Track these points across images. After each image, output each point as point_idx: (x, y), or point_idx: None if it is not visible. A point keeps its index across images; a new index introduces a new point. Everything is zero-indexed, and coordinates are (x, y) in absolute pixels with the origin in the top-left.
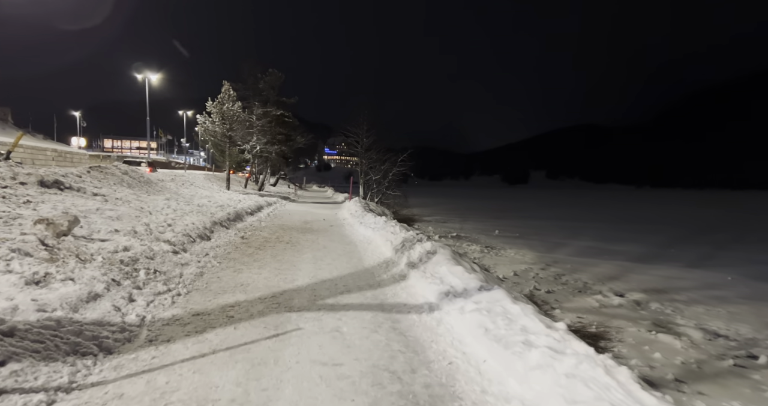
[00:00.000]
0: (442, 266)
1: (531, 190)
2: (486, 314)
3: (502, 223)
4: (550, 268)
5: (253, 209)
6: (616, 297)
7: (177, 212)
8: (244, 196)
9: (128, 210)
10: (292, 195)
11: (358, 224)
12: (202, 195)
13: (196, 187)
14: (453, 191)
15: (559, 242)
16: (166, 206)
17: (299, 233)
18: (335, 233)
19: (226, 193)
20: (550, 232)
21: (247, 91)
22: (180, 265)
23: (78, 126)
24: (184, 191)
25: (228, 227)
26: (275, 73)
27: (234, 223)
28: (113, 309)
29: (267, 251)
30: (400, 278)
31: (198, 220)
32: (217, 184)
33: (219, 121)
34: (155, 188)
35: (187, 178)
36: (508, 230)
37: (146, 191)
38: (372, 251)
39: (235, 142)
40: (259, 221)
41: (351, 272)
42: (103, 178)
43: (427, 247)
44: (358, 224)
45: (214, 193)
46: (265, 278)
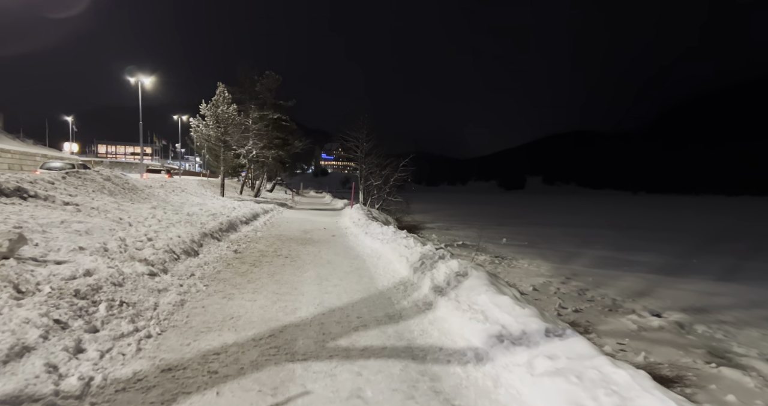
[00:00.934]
0: (481, 294)
1: (529, 196)
2: (576, 382)
3: (507, 230)
4: (571, 281)
5: (248, 218)
6: (654, 318)
7: (162, 223)
8: (239, 203)
9: (103, 222)
10: (290, 201)
11: (363, 233)
12: (193, 203)
13: (188, 194)
14: (451, 197)
15: (572, 252)
16: (150, 216)
17: (299, 245)
18: (339, 245)
19: (220, 200)
20: (560, 240)
21: (243, 94)
22: (156, 292)
23: (70, 131)
24: (174, 199)
25: (220, 239)
26: (272, 75)
27: (227, 234)
28: (45, 370)
29: (263, 268)
30: (425, 307)
31: (185, 232)
32: (211, 191)
33: (213, 124)
34: (141, 196)
35: (179, 185)
36: (516, 238)
37: (130, 199)
38: (384, 268)
39: (230, 147)
40: (255, 231)
41: (364, 296)
42: (81, 184)
43: (453, 266)
44: (363, 233)
45: (207, 200)
46: (260, 307)
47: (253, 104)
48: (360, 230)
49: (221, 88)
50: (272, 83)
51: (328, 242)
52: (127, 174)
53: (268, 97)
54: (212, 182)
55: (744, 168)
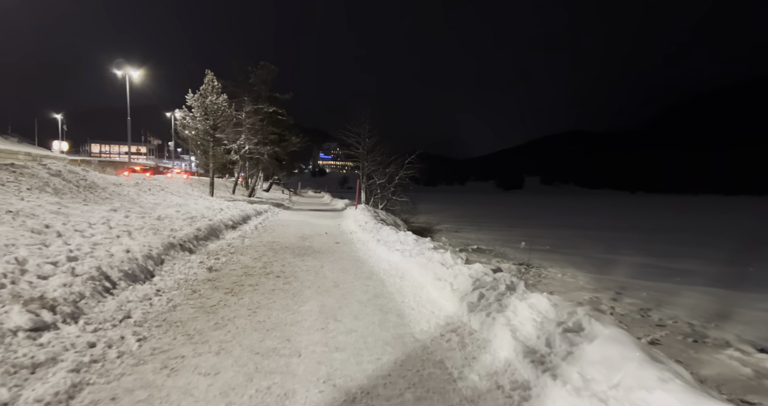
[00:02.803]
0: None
1: (528, 196)
2: None
3: (520, 232)
4: (623, 297)
5: (236, 221)
6: (762, 354)
7: (113, 231)
8: (229, 203)
9: (11, 231)
10: (287, 202)
11: (374, 241)
12: (171, 203)
13: (168, 193)
14: (452, 197)
15: (603, 258)
16: (101, 222)
17: (295, 257)
18: (346, 256)
19: (206, 200)
20: (582, 243)
21: (237, 88)
22: (31, 368)
23: (59, 129)
24: (147, 199)
25: (193, 251)
26: (267, 65)
27: (205, 242)
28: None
29: (243, 296)
30: (520, 399)
31: (141, 243)
32: (199, 190)
33: (201, 116)
34: (101, 195)
35: (159, 183)
36: (534, 242)
37: (83, 200)
38: (414, 296)
39: (219, 141)
40: (243, 238)
41: (397, 357)
42: (13, 181)
43: (543, 307)
44: (374, 241)
45: (191, 200)
46: (221, 394)
47: (247, 97)
48: (369, 235)
49: (210, 76)
50: (267, 74)
51: (331, 252)
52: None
53: (263, 89)
54: (203, 181)
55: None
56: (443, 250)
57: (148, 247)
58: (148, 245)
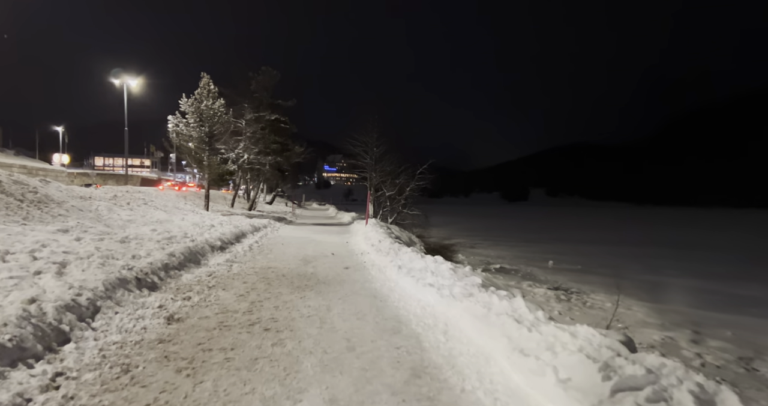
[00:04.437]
0: None
1: (535, 208)
2: None
3: (541, 248)
4: (705, 339)
5: (227, 240)
6: None
7: (37, 264)
8: (223, 218)
9: None
10: (289, 215)
11: (394, 267)
12: (150, 220)
13: (152, 207)
14: (459, 209)
15: (649, 281)
16: (29, 250)
17: (294, 292)
18: (359, 290)
19: (198, 215)
20: (614, 262)
21: (238, 97)
22: None
23: (60, 142)
24: (119, 216)
25: (157, 286)
26: (269, 70)
27: (178, 272)
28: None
29: (204, 379)
30: None
31: (72, 283)
32: (193, 204)
33: (196, 122)
34: (52, 212)
35: (142, 196)
36: (560, 259)
37: (22, 218)
38: (480, 378)
39: (216, 150)
40: (231, 263)
41: None
42: None
43: None
44: (394, 267)
45: (178, 216)
46: None
47: (247, 104)
48: (386, 259)
49: (206, 79)
50: (269, 80)
51: (340, 283)
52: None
53: (264, 96)
54: (202, 195)
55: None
56: (516, 297)
57: (78, 289)
58: (80, 285)
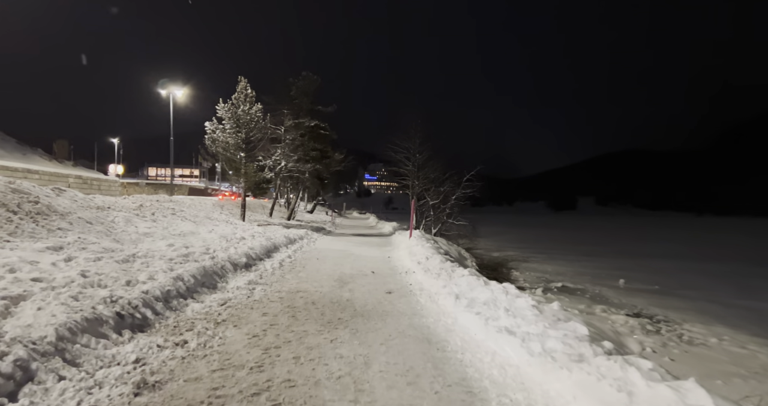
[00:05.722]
0: None
1: (585, 218)
2: None
3: (604, 263)
4: None
5: (256, 255)
6: None
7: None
8: (259, 229)
9: None
10: (329, 225)
11: (451, 296)
12: (172, 233)
13: (179, 218)
14: (503, 218)
15: (751, 307)
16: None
17: (322, 331)
18: (406, 330)
19: (231, 226)
20: (696, 281)
21: (279, 104)
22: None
23: (115, 153)
24: (135, 228)
25: (148, 323)
26: (309, 76)
27: (183, 301)
28: None
29: None
30: None
31: (4, 330)
32: (229, 213)
33: (232, 128)
34: (50, 225)
35: (171, 206)
36: (631, 277)
37: (8, 233)
38: None
39: (253, 157)
40: (254, 285)
41: None
42: None
43: None
44: (451, 296)
45: (207, 227)
46: None
47: (287, 110)
48: (437, 283)
49: (243, 84)
50: (309, 85)
51: (382, 318)
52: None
53: (304, 101)
54: (249, 204)
55: None
56: (647, 363)
57: (6, 344)
58: (16, 336)
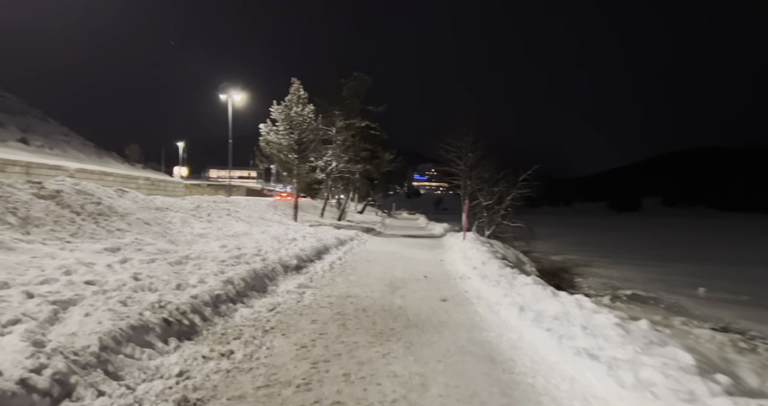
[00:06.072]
0: None
1: (651, 219)
2: None
3: (676, 269)
4: None
5: (307, 257)
6: None
7: (29, 304)
8: (310, 230)
9: None
10: (378, 225)
11: (514, 307)
12: (226, 233)
13: (234, 218)
14: (561, 220)
15: None
16: (51, 277)
17: (374, 343)
18: (466, 344)
19: (284, 226)
20: None
21: (331, 106)
22: None
23: (179, 156)
24: (191, 228)
25: (195, 331)
26: (361, 76)
27: (232, 306)
28: None
29: None
30: None
31: (49, 339)
32: (282, 214)
33: (285, 130)
34: (109, 226)
35: (227, 206)
36: (714, 286)
37: (69, 234)
38: None
39: (305, 158)
40: (304, 289)
41: None
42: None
43: None
44: (514, 307)
45: (260, 228)
46: None
47: (338, 111)
48: (496, 291)
49: (296, 85)
50: (360, 86)
51: (438, 330)
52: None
53: (355, 102)
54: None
55: None
56: None
57: (47, 354)
58: (58, 346)
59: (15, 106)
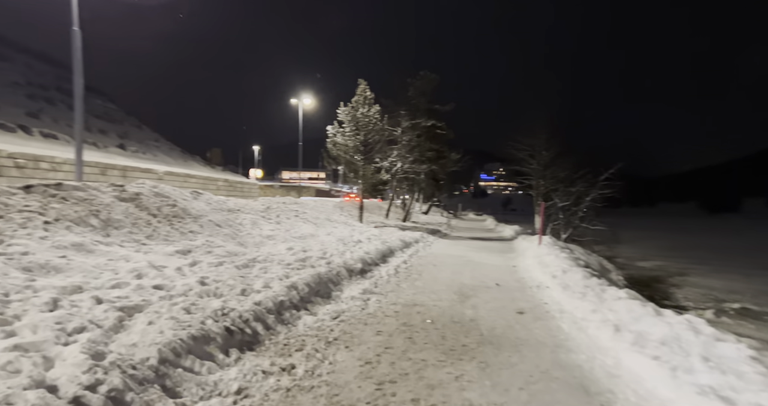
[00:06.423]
0: None
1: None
2: None
3: None
4: None
5: (372, 260)
6: None
7: (97, 310)
8: (375, 231)
9: None
10: (444, 227)
11: (606, 325)
12: (294, 235)
13: (301, 220)
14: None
15: None
16: (122, 280)
17: (444, 363)
18: (552, 369)
19: (349, 228)
20: None
21: (398, 106)
22: None
23: (255, 159)
24: (260, 230)
25: (258, 340)
26: (428, 75)
27: (296, 314)
28: None
29: None
30: None
31: (110, 350)
32: (348, 215)
33: (351, 131)
34: (183, 228)
35: (296, 208)
36: None
37: (145, 236)
38: None
39: (371, 159)
40: (368, 295)
41: None
42: (33, 210)
43: None
44: (606, 325)
45: (326, 229)
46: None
47: (404, 111)
48: (583, 305)
49: (363, 86)
50: (427, 85)
51: (517, 349)
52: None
53: (421, 102)
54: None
55: None
56: None
57: (105, 368)
58: (116, 359)
59: (116, 116)
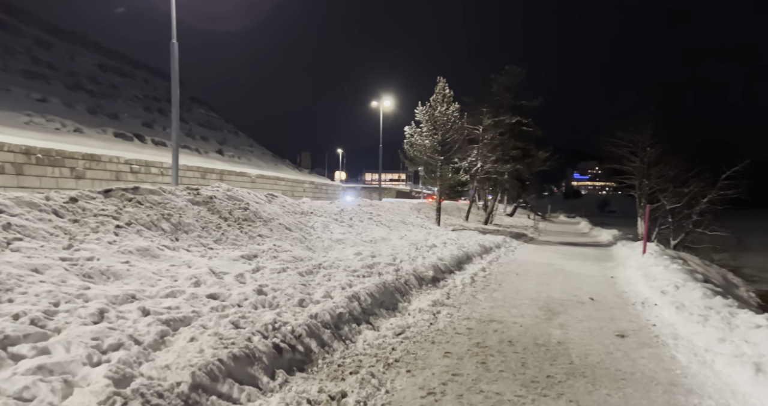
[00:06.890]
0: None
1: None
2: None
3: None
4: None
5: (446, 268)
6: None
7: (141, 324)
8: (453, 235)
9: None
10: (530, 230)
11: (740, 362)
12: (365, 239)
13: (374, 223)
14: None
15: None
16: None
17: (523, 403)
18: None
19: (425, 231)
20: None
21: (480, 104)
22: None
23: (340, 162)
24: (331, 234)
25: (310, 359)
26: (513, 69)
27: (356, 328)
28: None
29: None
30: None
31: (139, 372)
32: (425, 217)
33: (429, 131)
34: (252, 232)
35: (370, 210)
36: None
37: (213, 240)
38: None
39: (449, 159)
40: (439, 307)
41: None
42: (108, 214)
43: None
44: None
45: (399, 232)
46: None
47: (486, 108)
48: (705, 331)
49: (441, 84)
50: (512, 80)
51: (619, 388)
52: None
53: (505, 97)
54: (446, 207)
55: None
56: None
57: (128, 396)
58: (145, 382)
59: (216, 123)
